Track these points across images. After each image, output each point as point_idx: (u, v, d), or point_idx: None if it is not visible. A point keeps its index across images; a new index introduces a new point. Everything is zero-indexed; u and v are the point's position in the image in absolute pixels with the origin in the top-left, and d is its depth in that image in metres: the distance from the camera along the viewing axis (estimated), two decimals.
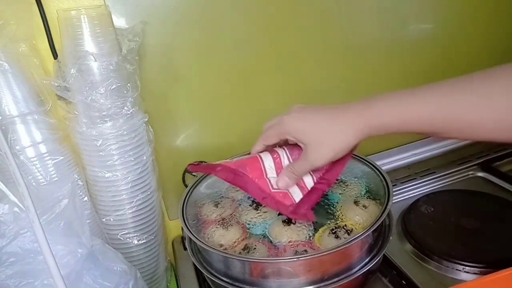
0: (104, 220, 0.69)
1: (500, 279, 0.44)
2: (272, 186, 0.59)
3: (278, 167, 0.59)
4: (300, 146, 0.58)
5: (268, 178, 0.59)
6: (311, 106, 0.54)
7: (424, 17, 0.88)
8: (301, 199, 0.60)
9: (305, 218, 0.59)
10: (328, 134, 0.51)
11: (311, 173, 0.60)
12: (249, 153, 0.63)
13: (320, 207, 0.74)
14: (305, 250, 0.59)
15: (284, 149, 0.60)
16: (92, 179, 0.68)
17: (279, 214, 0.69)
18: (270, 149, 0.61)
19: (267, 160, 0.60)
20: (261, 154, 0.61)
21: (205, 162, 0.81)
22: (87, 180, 0.69)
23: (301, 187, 0.60)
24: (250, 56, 0.78)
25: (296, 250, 0.59)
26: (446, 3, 0.88)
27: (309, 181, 0.60)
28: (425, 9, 0.87)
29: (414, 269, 0.66)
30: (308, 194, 0.60)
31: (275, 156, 0.60)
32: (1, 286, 0.47)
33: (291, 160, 0.60)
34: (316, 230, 0.65)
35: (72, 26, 0.60)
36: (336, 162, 0.56)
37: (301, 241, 0.62)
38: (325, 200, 0.75)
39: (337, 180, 0.75)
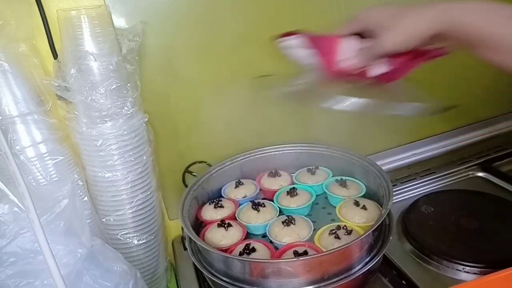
0: (104, 220, 0.69)
1: (500, 279, 0.44)
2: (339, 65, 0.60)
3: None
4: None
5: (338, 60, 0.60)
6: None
7: None
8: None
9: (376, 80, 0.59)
10: (402, 18, 0.52)
11: (385, 62, 0.59)
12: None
13: (320, 208, 0.74)
14: (305, 251, 0.59)
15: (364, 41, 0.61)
16: (92, 179, 0.68)
17: (279, 214, 0.69)
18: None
19: (345, 44, 0.60)
20: (342, 37, 0.61)
21: (205, 162, 0.82)
22: (87, 180, 0.69)
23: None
24: (250, 56, 0.78)
25: (296, 250, 0.59)
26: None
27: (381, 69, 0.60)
28: None
29: (414, 269, 0.66)
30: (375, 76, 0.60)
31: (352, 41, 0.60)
32: (1, 286, 0.47)
33: None
34: (316, 230, 0.65)
35: (72, 26, 0.60)
36: (409, 59, 0.57)
37: (301, 241, 0.62)
38: (325, 200, 0.76)
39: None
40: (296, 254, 0.58)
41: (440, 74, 0.93)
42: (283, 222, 0.65)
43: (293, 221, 0.65)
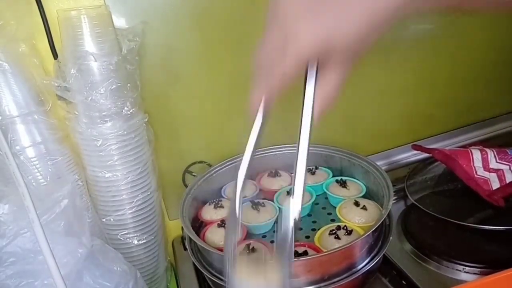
0: (104, 220, 0.69)
1: (500, 279, 0.44)
2: (476, 172, 0.76)
3: (485, 161, 0.77)
4: (506, 150, 0.77)
5: (474, 167, 0.77)
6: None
7: (424, 17, 0.88)
8: (498, 188, 0.74)
9: (496, 203, 0.72)
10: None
11: None
12: None
13: (320, 208, 0.74)
14: (305, 251, 0.59)
15: (493, 150, 0.79)
16: (92, 179, 0.68)
17: (279, 214, 0.69)
18: (481, 148, 0.80)
19: (476, 154, 0.78)
20: (471, 148, 0.80)
21: (205, 162, 0.81)
22: (87, 180, 0.69)
23: (500, 179, 0.75)
24: (250, 56, 0.78)
25: (296, 251, 0.59)
26: None
27: (509, 177, 0.75)
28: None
29: (414, 269, 0.66)
30: (504, 186, 0.74)
31: (483, 152, 0.78)
32: (1, 286, 0.47)
33: (497, 159, 0.77)
34: (316, 230, 0.65)
35: (72, 26, 0.60)
36: None
37: (301, 242, 0.62)
38: (325, 200, 0.75)
39: (339, 181, 0.75)
40: (296, 254, 0.58)
41: (441, 75, 0.93)
42: None
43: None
